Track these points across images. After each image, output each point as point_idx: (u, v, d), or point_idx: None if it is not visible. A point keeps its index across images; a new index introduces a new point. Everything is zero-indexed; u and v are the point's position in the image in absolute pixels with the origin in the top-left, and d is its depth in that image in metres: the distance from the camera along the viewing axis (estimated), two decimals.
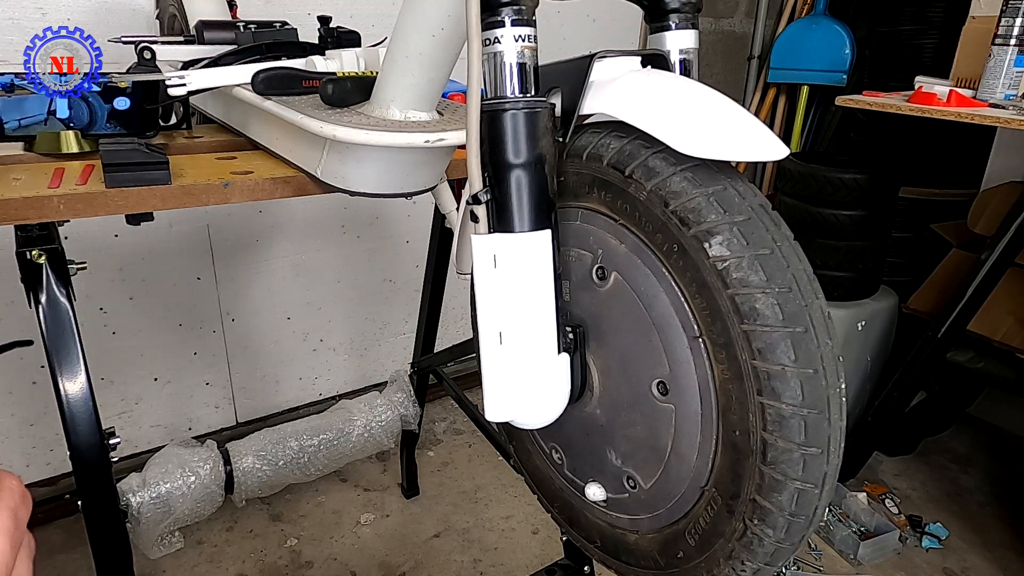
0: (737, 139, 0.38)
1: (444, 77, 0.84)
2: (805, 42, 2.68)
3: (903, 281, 2.24)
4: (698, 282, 0.36)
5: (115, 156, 0.86)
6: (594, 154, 0.41)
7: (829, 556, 1.85)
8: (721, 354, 0.36)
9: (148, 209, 0.87)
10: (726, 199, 0.37)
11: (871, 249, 2.07)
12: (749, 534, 0.37)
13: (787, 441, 0.35)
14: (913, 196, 2.36)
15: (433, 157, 0.93)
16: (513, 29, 0.39)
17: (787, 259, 0.36)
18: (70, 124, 0.96)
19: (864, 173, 1.99)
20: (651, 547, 0.43)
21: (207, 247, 1.92)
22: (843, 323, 2.04)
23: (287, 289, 2.09)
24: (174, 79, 0.96)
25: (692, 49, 0.48)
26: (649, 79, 0.42)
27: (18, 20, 1.54)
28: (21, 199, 0.80)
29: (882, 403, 1.99)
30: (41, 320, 0.89)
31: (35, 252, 0.88)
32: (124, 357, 1.87)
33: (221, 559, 1.74)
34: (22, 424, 1.80)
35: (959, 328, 1.83)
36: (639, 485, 0.43)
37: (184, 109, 1.17)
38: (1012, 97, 1.66)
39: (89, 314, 1.78)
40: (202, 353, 2.00)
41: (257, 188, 0.92)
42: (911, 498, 2.08)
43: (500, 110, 0.39)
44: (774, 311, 0.35)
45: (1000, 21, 1.64)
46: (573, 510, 0.49)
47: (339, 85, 0.89)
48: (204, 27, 1.20)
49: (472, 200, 0.40)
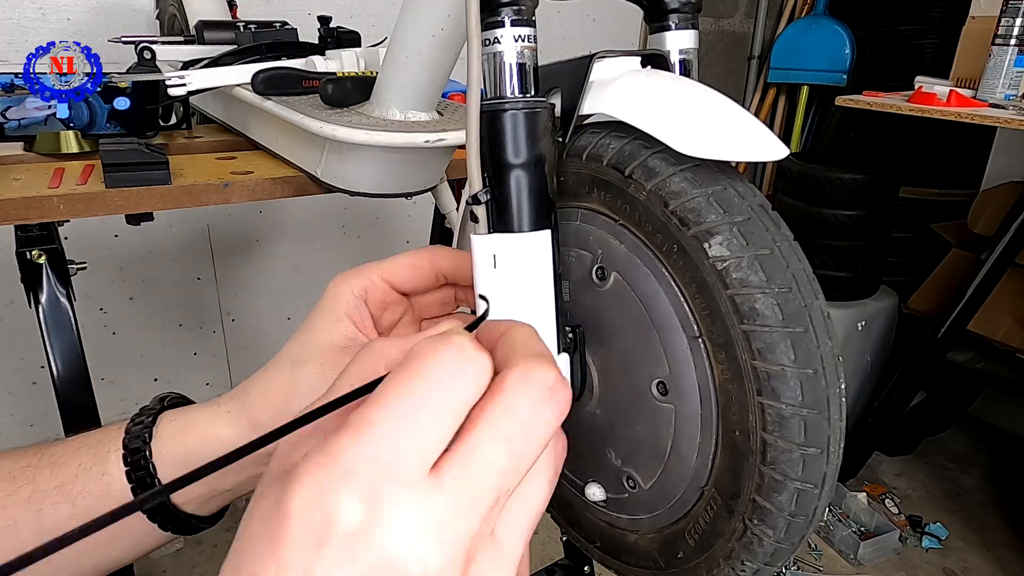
0: (737, 139, 0.38)
1: (444, 77, 0.84)
2: (805, 42, 2.68)
3: (903, 281, 2.23)
4: (698, 282, 0.36)
5: (115, 156, 0.86)
6: (594, 154, 0.41)
7: (829, 556, 1.85)
8: (721, 354, 0.36)
9: (148, 209, 0.87)
10: (726, 199, 0.37)
11: (871, 249, 2.07)
12: (749, 534, 0.37)
13: (787, 441, 0.35)
14: (913, 196, 2.36)
15: (433, 157, 0.93)
16: (513, 29, 0.39)
17: (787, 259, 0.36)
18: (70, 124, 0.96)
19: (864, 173, 1.99)
20: (651, 547, 0.43)
21: (207, 247, 1.92)
22: (843, 323, 2.04)
23: (287, 289, 2.09)
24: (174, 79, 0.96)
25: (692, 49, 0.48)
26: (649, 79, 0.42)
27: (18, 20, 1.54)
28: (21, 199, 0.80)
29: (882, 403, 1.99)
30: (41, 320, 0.89)
31: (35, 252, 0.88)
32: (124, 357, 1.87)
33: (221, 559, 1.72)
34: (22, 424, 1.80)
35: (959, 328, 1.83)
36: (639, 485, 0.42)
37: (184, 109, 1.17)
38: (1012, 97, 1.66)
39: (89, 314, 1.78)
40: (202, 353, 2.00)
41: (257, 188, 0.92)
42: (911, 498, 2.08)
43: (500, 110, 0.39)
44: (774, 311, 0.35)
45: (1000, 21, 1.64)
46: (573, 510, 0.49)
47: (339, 85, 0.89)
48: (204, 27, 1.20)
49: (472, 200, 0.40)
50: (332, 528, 0.22)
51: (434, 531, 0.23)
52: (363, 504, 0.22)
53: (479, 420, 0.25)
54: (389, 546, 0.22)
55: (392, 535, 0.22)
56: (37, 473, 0.40)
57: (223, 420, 0.42)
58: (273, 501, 0.23)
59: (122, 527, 0.41)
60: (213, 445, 0.41)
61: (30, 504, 0.39)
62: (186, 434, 0.41)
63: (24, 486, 0.39)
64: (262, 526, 0.24)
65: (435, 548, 0.23)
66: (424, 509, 0.23)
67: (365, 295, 0.41)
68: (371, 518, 0.22)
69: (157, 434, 0.41)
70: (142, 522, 0.41)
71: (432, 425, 0.24)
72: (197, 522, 0.43)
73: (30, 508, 0.39)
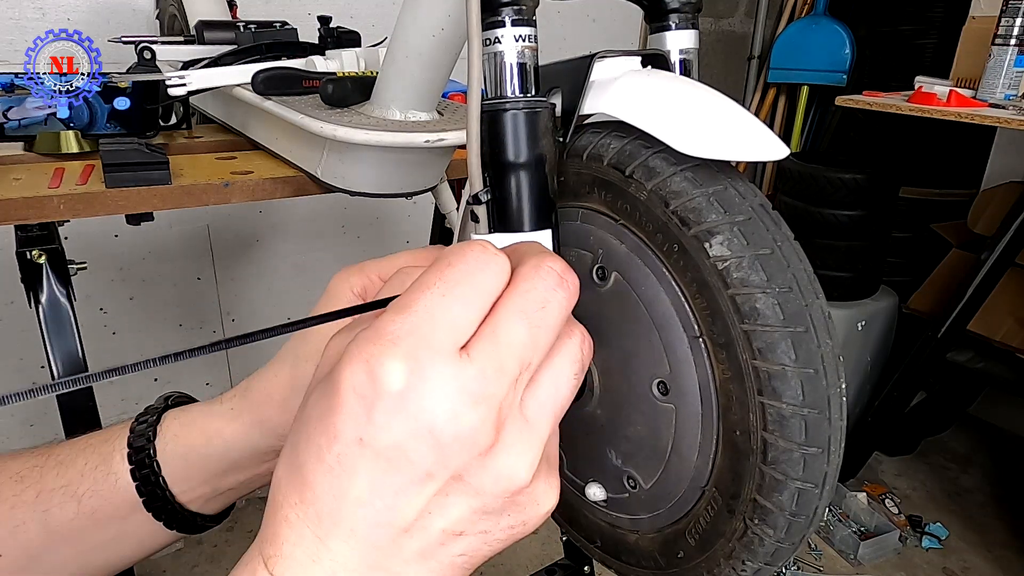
0: (737, 139, 0.38)
1: (444, 77, 0.84)
2: (805, 42, 2.68)
3: (903, 281, 2.24)
4: (698, 282, 0.36)
5: (115, 156, 0.86)
6: (594, 154, 0.41)
7: (829, 556, 1.85)
8: (721, 354, 0.36)
9: (148, 209, 0.87)
10: (726, 199, 0.37)
11: (871, 249, 2.07)
12: (749, 534, 0.37)
13: (788, 441, 0.35)
14: (913, 196, 2.36)
15: (433, 157, 0.93)
16: (513, 29, 0.39)
17: (787, 259, 0.36)
18: (70, 124, 0.96)
19: (864, 173, 1.99)
20: (651, 547, 0.43)
21: (207, 247, 1.92)
22: (843, 323, 2.04)
23: (287, 289, 2.09)
24: (174, 79, 0.96)
25: (692, 49, 0.48)
26: (649, 79, 0.42)
27: (18, 20, 1.54)
28: (21, 199, 0.80)
29: (882, 403, 1.99)
30: (41, 320, 0.89)
31: (35, 252, 0.88)
32: (124, 357, 1.87)
33: (221, 559, 1.74)
34: (22, 424, 1.80)
35: (959, 328, 1.83)
36: (639, 485, 0.42)
37: (184, 109, 1.17)
38: (1012, 97, 1.66)
39: (89, 314, 1.78)
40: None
41: (257, 188, 0.92)
42: (911, 498, 2.08)
43: (500, 110, 0.39)
44: (774, 311, 0.35)
45: (1000, 21, 1.64)
46: (573, 510, 0.49)
47: (339, 85, 0.89)
48: (204, 27, 1.20)
49: (472, 200, 0.40)
50: (380, 390, 0.26)
51: (467, 395, 0.27)
52: (406, 367, 0.26)
53: (501, 304, 0.28)
54: (428, 407, 0.26)
55: (431, 395, 0.26)
56: (44, 473, 0.40)
57: (225, 417, 0.42)
58: (325, 383, 0.27)
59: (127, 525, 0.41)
60: (215, 442, 0.41)
61: (37, 504, 0.39)
62: (189, 432, 0.42)
63: (31, 486, 0.40)
64: (316, 409, 0.28)
65: (468, 408, 0.26)
66: (457, 376, 0.27)
67: (364, 292, 0.42)
68: (412, 381, 0.26)
69: (161, 432, 0.42)
70: (147, 521, 0.41)
71: (463, 307, 0.28)
72: (202, 520, 0.43)
73: (37, 508, 0.39)
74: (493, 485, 0.28)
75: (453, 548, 0.29)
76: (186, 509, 0.42)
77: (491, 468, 0.28)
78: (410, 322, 0.27)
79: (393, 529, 0.27)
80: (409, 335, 0.26)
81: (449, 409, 0.26)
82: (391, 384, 0.26)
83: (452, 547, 0.29)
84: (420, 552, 0.28)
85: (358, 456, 0.26)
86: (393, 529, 0.27)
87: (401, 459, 0.27)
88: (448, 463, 0.27)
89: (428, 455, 0.27)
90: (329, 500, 0.27)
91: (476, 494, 0.28)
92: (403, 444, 0.26)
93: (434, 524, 0.28)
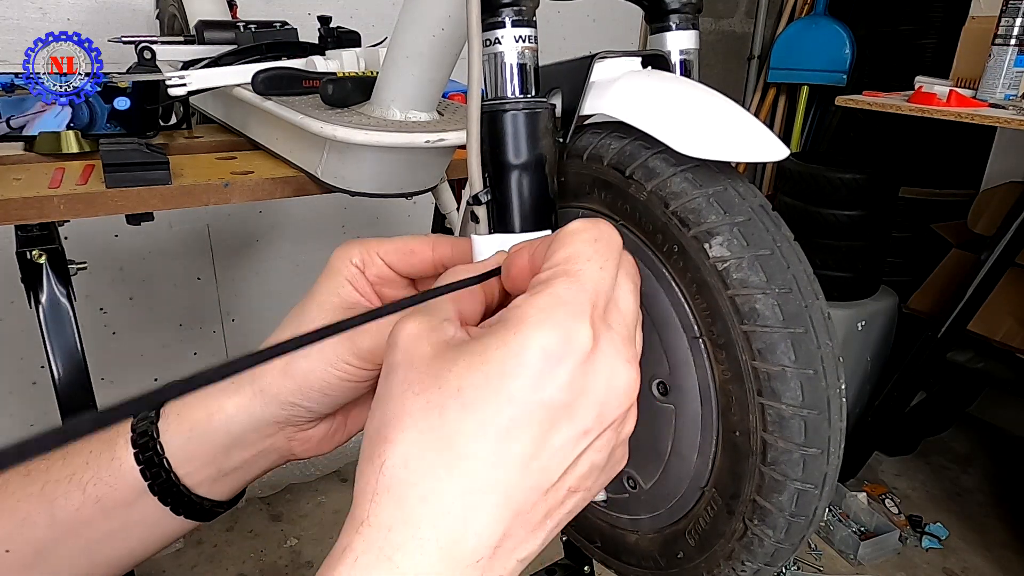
0: (737, 140, 0.38)
1: (444, 77, 0.84)
2: (805, 42, 2.68)
3: (903, 281, 2.23)
4: (698, 282, 0.37)
5: (115, 156, 0.86)
6: (594, 155, 0.41)
7: (829, 556, 1.85)
8: (721, 354, 0.36)
9: (148, 209, 0.87)
10: (726, 200, 0.37)
11: (871, 249, 2.07)
12: (749, 534, 0.37)
13: (787, 441, 0.35)
14: (913, 196, 2.36)
15: (433, 157, 0.93)
16: (513, 30, 0.39)
17: (787, 260, 0.36)
18: (70, 124, 0.96)
19: (864, 173, 1.99)
20: (651, 547, 0.43)
21: (207, 247, 1.92)
22: (843, 323, 2.04)
23: (287, 289, 2.09)
24: (174, 79, 0.96)
25: (692, 49, 0.48)
26: (649, 80, 0.42)
27: (18, 20, 1.54)
28: (21, 199, 0.80)
29: (882, 403, 1.99)
30: (41, 320, 0.89)
31: (35, 252, 0.88)
32: (124, 357, 1.87)
33: (221, 559, 1.74)
34: (22, 424, 1.80)
35: (959, 328, 1.83)
36: (639, 485, 0.43)
37: (184, 109, 1.17)
38: (1012, 97, 1.66)
39: (89, 314, 1.78)
40: (202, 353, 2.00)
41: (257, 188, 0.92)
42: (911, 498, 2.08)
43: (500, 110, 0.39)
44: (774, 312, 0.35)
45: (1000, 21, 1.64)
46: None
47: (339, 85, 0.89)
48: (204, 27, 1.20)
49: (472, 200, 0.40)
50: (574, 349, 0.29)
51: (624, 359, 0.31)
52: (592, 333, 0.30)
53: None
54: (605, 368, 0.30)
55: (605, 359, 0.30)
56: (50, 465, 0.41)
57: (226, 391, 0.42)
58: (500, 340, 0.29)
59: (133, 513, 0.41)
60: (217, 417, 0.42)
61: (43, 495, 0.39)
62: (191, 411, 0.42)
63: (37, 479, 0.40)
64: (481, 373, 0.29)
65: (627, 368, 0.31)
66: (612, 341, 0.31)
67: (363, 267, 0.43)
68: (597, 344, 0.30)
69: (164, 414, 0.42)
70: (154, 507, 0.41)
71: (612, 280, 0.32)
72: (210, 504, 0.43)
73: (44, 500, 0.39)
74: (627, 433, 0.34)
75: (564, 508, 0.31)
76: (192, 493, 0.42)
77: (630, 418, 0.33)
78: (585, 292, 0.30)
79: (538, 492, 0.29)
80: (586, 303, 0.30)
81: (620, 371, 0.30)
82: (584, 345, 0.29)
83: (565, 506, 0.31)
84: (545, 514, 0.30)
85: (527, 419, 0.28)
86: (538, 492, 0.29)
87: (569, 418, 0.29)
88: (604, 420, 0.30)
89: (590, 413, 0.30)
90: (485, 470, 0.28)
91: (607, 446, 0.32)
92: (574, 403, 0.29)
93: (565, 483, 0.30)
